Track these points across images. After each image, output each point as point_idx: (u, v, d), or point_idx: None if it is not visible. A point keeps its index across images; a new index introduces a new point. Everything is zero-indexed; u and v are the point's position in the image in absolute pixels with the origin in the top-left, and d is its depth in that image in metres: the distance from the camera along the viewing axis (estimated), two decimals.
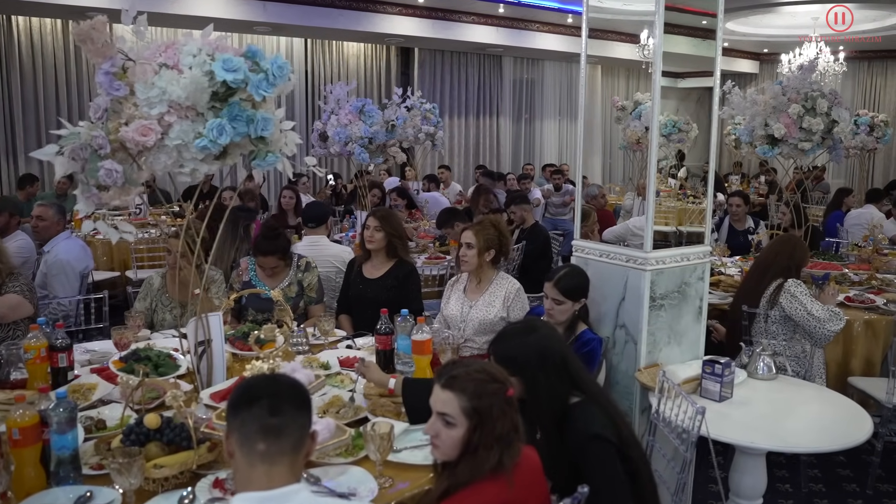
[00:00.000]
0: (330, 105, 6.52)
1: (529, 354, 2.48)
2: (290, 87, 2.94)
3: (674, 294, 3.50)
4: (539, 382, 2.47)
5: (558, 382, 2.49)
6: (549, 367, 2.48)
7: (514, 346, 2.53)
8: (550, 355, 2.50)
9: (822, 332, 3.97)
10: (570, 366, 2.54)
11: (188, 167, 2.64)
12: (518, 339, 2.54)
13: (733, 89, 5.59)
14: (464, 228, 4.16)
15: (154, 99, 2.54)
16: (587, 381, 2.59)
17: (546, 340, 2.55)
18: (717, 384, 3.19)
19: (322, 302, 4.61)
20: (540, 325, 2.65)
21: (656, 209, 9.15)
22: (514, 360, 2.49)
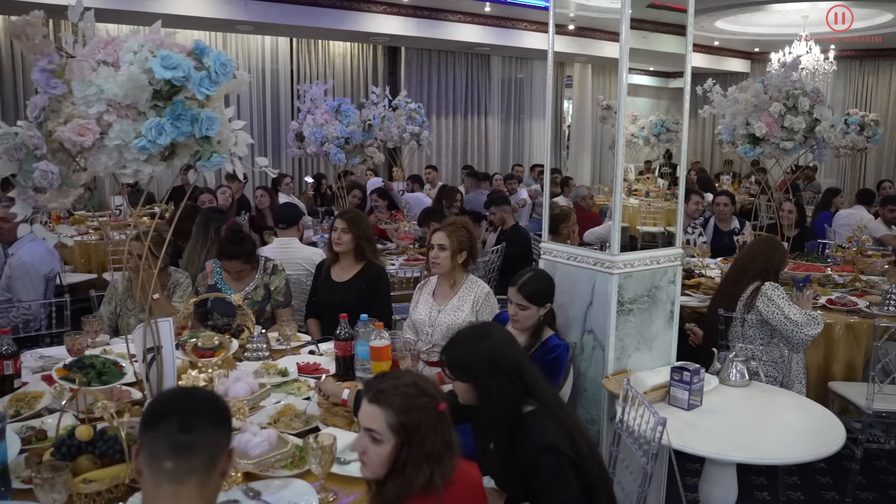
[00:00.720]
0: (306, 104, 6.41)
1: (481, 361, 2.38)
2: (240, 85, 2.83)
3: (643, 298, 3.39)
4: (491, 390, 2.37)
5: (511, 390, 2.39)
6: (501, 375, 2.37)
7: (466, 351, 2.42)
8: (503, 362, 2.40)
9: (800, 336, 3.87)
10: (525, 373, 2.43)
11: (130, 168, 2.53)
12: (471, 345, 2.43)
13: (714, 87, 5.47)
14: (435, 230, 4.05)
15: (91, 97, 2.42)
16: (543, 389, 2.48)
17: (499, 346, 2.44)
18: (685, 392, 3.08)
19: (290, 305, 4.51)
20: (494, 331, 2.54)
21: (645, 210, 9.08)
22: (466, 366, 2.40)
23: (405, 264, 6.05)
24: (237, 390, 2.66)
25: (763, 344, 4.05)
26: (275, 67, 11.45)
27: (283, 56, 11.54)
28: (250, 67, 11.27)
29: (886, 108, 14.61)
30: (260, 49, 11.33)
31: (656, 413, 2.57)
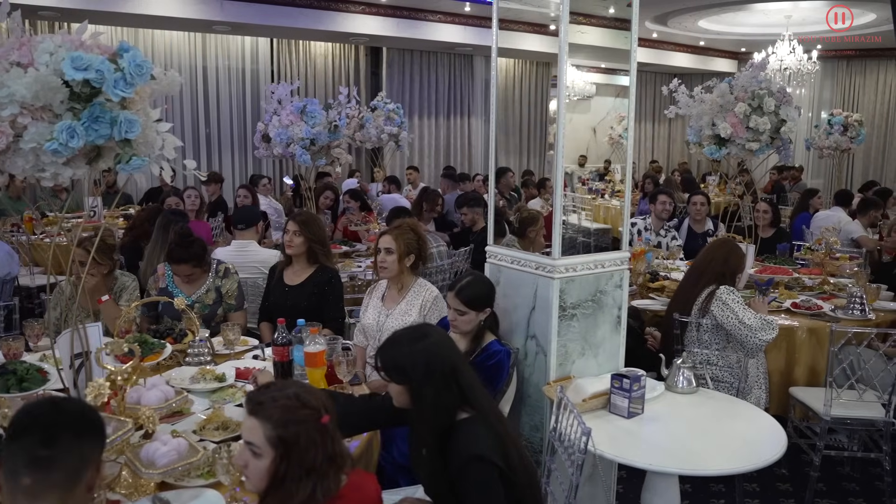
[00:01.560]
0: (272, 105, 6.32)
1: (417, 363, 2.30)
2: (171, 87, 2.78)
3: (587, 303, 3.31)
4: (425, 394, 2.30)
5: (446, 395, 2.31)
6: (437, 378, 2.30)
7: (402, 353, 2.34)
8: (439, 364, 2.32)
9: (754, 340, 3.79)
10: (461, 378, 2.35)
11: (49, 171, 2.47)
12: (406, 346, 2.35)
13: (680, 87, 5.39)
14: (382, 233, 3.99)
15: (4, 99, 2.35)
16: (479, 395, 2.40)
17: (436, 348, 2.36)
18: (625, 400, 2.99)
19: (243, 309, 4.44)
20: (431, 332, 2.46)
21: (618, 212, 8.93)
22: (401, 368, 2.33)
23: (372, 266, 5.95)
24: (149, 398, 2.58)
25: (719, 349, 3.97)
26: (255, 68, 11.37)
27: (263, 57, 11.46)
28: (229, 68, 11.19)
29: (873, 108, 14.54)
30: (239, 49, 11.24)
31: (583, 423, 2.49)
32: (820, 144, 11.03)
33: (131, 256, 5.83)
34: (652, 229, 6.64)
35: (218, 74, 11.11)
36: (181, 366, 3.54)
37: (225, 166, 11.34)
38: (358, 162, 12.26)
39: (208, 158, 11.20)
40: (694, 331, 4.01)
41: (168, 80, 2.92)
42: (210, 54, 11.00)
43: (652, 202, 6.74)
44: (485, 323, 3.27)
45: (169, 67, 10.26)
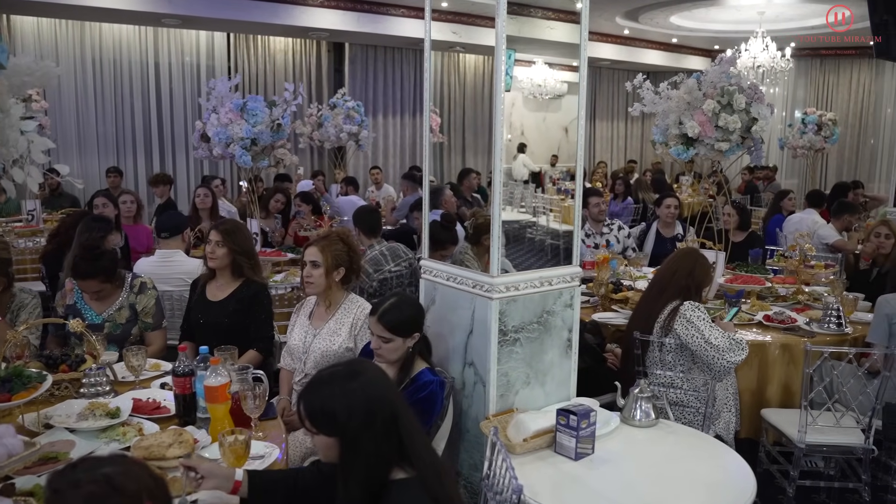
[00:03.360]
0: (211, 102, 5.87)
1: (354, 407, 1.87)
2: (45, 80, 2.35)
3: (532, 326, 2.91)
4: (362, 445, 1.87)
5: (386, 447, 1.89)
6: (377, 426, 1.88)
7: (332, 395, 1.90)
8: (380, 409, 1.90)
9: (721, 363, 3.41)
10: (402, 425, 1.93)
11: None
12: (337, 387, 1.91)
13: (645, 83, 5.02)
14: (307, 245, 3.59)
15: None
16: (419, 448, 1.96)
17: (375, 389, 1.94)
18: (572, 439, 2.60)
19: (161, 328, 4.00)
20: (365, 368, 2.02)
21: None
22: (332, 414, 1.88)
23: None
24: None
25: (683, 371, 3.60)
26: (210, 64, 10.88)
27: (219, 52, 10.97)
28: (183, 64, 10.70)
29: (847, 107, 14.31)
30: (194, 44, 10.75)
31: (514, 476, 2.09)
32: (794, 144, 10.76)
33: (53, 266, 5.35)
34: (594, 233, 6.29)
35: (171, 71, 10.62)
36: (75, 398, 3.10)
37: (179, 167, 10.86)
38: (320, 162, 11.82)
39: (161, 158, 10.71)
40: (656, 351, 3.63)
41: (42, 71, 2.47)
42: (162, 49, 10.51)
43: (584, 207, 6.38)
44: (413, 349, 2.87)
45: (118, 63, 9.86)
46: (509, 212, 3.43)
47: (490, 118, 2.77)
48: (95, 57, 10.07)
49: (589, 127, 15.40)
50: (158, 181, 8.70)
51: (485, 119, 13.70)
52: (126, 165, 10.39)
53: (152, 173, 9.65)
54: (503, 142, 2.68)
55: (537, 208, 3.45)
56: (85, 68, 9.99)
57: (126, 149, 10.48)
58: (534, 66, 10.88)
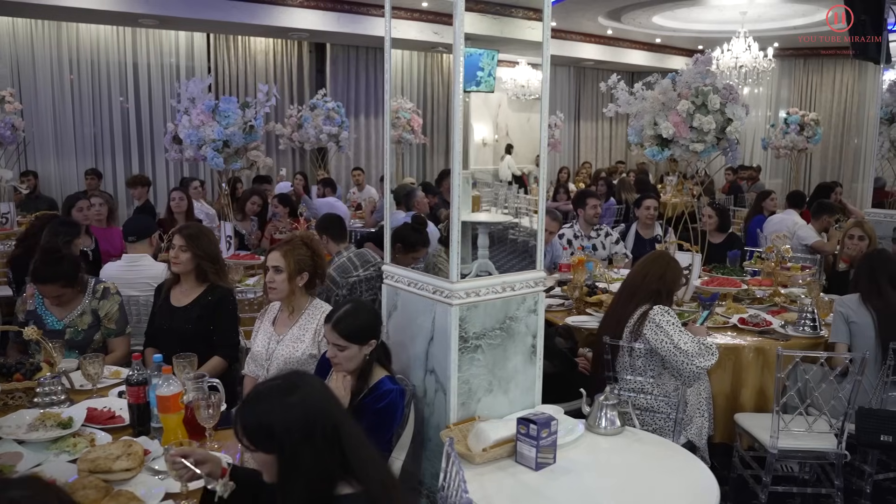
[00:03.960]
0: (183, 104, 5.79)
1: (291, 422, 1.80)
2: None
3: (495, 332, 2.85)
4: (301, 461, 1.79)
5: (328, 461, 1.82)
6: (317, 440, 1.80)
7: (270, 410, 1.83)
8: (320, 423, 1.82)
9: (690, 368, 3.36)
10: (345, 439, 1.85)
11: None
12: (275, 401, 1.84)
13: (619, 84, 4.96)
14: (270, 249, 3.52)
15: None
16: (365, 462, 1.88)
17: (314, 402, 1.86)
18: (532, 449, 2.54)
19: (125, 334, 3.93)
20: (305, 382, 1.94)
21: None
22: (270, 430, 1.80)
23: None
24: None
25: (654, 376, 3.54)
26: (190, 64, 10.76)
27: (199, 53, 10.84)
28: (162, 65, 10.57)
29: (830, 107, 14.30)
30: (173, 45, 10.62)
31: (465, 489, 2.03)
32: (776, 144, 10.74)
33: (21, 271, 5.26)
34: (582, 235, 6.23)
35: (150, 71, 10.48)
36: (29, 408, 3.03)
37: (159, 168, 10.74)
38: (302, 164, 11.73)
39: (140, 160, 10.58)
40: (626, 356, 3.57)
41: None
42: (141, 50, 10.38)
43: (581, 205, 6.33)
44: (371, 357, 2.80)
45: (96, 64, 9.74)
46: (493, 213, 3.38)
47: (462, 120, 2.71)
48: (73, 58, 9.93)
49: (574, 127, 15.34)
50: (136, 183, 8.60)
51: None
52: (105, 167, 10.27)
53: (131, 175, 9.54)
54: (461, 144, 2.62)
55: (520, 209, 3.40)
56: (62, 69, 9.86)
57: (104, 150, 10.35)
58: (517, 66, 10.81)
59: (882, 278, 3.97)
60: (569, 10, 10.69)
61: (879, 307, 3.90)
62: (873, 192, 8.75)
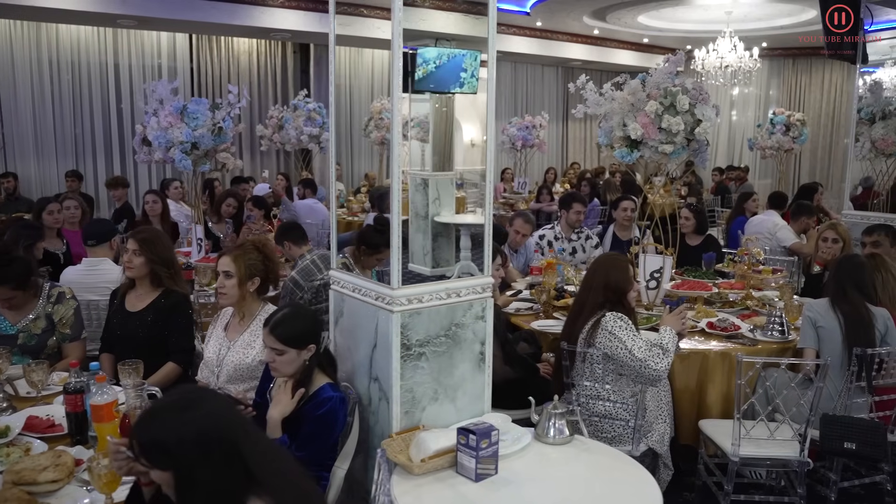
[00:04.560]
0: (151, 105, 5.71)
1: (187, 439, 1.74)
2: None
3: (440, 339, 2.78)
4: (199, 478, 1.73)
5: (228, 478, 1.75)
6: (214, 457, 1.74)
7: (165, 427, 1.77)
8: (216, 440, 1.76)
9: (647, 372, 3.29)
10: (249, 454, 1.78)
11: None
12: (170, 419, 1.78)
13: (588, 84, 4.90)
14: (220, 254, 3.46)
15: None
16: (274, 475, 1.83)
17: (211, 418, 1.79)
18: (472, 460, 2.47)
19: (80, 339, 3.86)
20: (202, 397, 1.89)
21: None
22: (164, 447, 1.75)
23: None
24: None
25: (611, 381, 3.47)
26: (172, 65, 10.70)
27: (181, 54, 10.79)
28: (144, 66, 10.51)
29: (819, 107, 14.26)
30: (155, 46, 10.57)
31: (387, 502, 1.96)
32: (762, 144, 10.67)
33: None
34: (563, 237, 6.17)
35: (132, 72, 10.43)
36: None
37: (141, 169, 10.68)
38: (286, 165, 11.66)
39: (121, 161, 10.52)
40: (583, 362, 3.50)
41: None
42: (122, 51, 10.32)
43: (567, 208, 6.26)
44: (311, 363, 2.74)
45: (76, 65, 9.66)
46: (479, 215, 3.31)
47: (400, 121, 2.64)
48: (52, 58, 9.87)
49: (562, 128, 15.30)
50: (115, 184, 8.54)
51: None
52: (85, 168, 10.20)
53: (112, 176, 9.48)
54: (400, 147, 2.55)
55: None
56: (41, 70, 9.80)
57: (85, 152, 10.29)
58: None
59: (848, 283, 3.90)
60: (553, 10, 10.64)
61: (847, 312, 3.83)
62: (861, 192, 8.72)
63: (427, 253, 3.42)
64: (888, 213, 6.67)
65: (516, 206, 10.40)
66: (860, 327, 3.76)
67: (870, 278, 3.97)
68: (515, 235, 5.80)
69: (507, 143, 11.28)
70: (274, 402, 2.74)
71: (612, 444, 3.45)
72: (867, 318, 3.78)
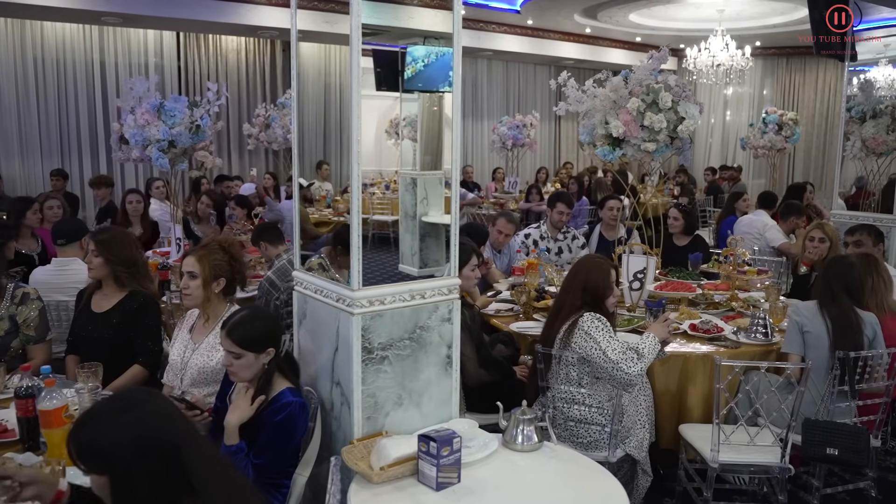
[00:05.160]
0: (129, 102, 5.61)
1: (124, 443, 1.66)
2: None
3: (403, 342, 2.69)
4: (136, 484, 1.65)
5: (166, 484, 1.67)
6: (152, 462, 1.66)
7: (102, 431, 1.69)
8: (156, 444, 1.68)
9: (621, 376, 3.20)
10: (189, 459, 1.70)
11: None
12: (107, 421, 1.70)
13: (570, 81, 4.81)
14: (185, 254, 3.36)
15: None
16: (212, 482, 1.74)
17: (150, 421, 1.71)
18: (432, 468, 2.38)
19: (45, 341, 3.77)
20: (142, 399, 1.79)
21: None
22: (101, 451, 1.67)
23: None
24: None
25: (587, 385, 3.38)
26: (159, 63, 10.60)
27: (168, 52, 10.69)
28: (130, 64, 10.40)
29: (813, 106, 14.17)
30: (141, 44, 10.46)
31: None
32: (754, 144, 10.59)
33: None
34: (549, 237, 6.07)
35: (118, 70, 10.32)
36: None
37: (127, 168, 10.57)
38: (275, 164, 11.56)
39: (108, 160, 10.41)
40: (559, 365, 3.41)
41: None
42: (108, 49, 10.21)
43: (551, 207, 6.17)
44: (270, 367, 2.64)
45: (62, 62, 9.56)
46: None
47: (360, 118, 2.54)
48: (37, 56, 9.77)
49: (554, 127, 15.20)
50: (99, 183, 8.44)
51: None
52: (71, 167, 10.10)
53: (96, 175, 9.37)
54: (359, 145, 2.46)
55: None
56: (26, 67, 9.69)
57: (71, 150, 10.18)
58: None
59: (837, 286, 3.78)
60: (543, 8, 10.55)
61: (835, 316, 3.69)
62: (855, 192, 8.62)
63: (415, 253, 3.33)
64: (879, 213, 6.58)
65: (506, 206, 10.31)
66: (848, 332, 3.63)
67: (860, 280, 3.85)
68: (498, 235, 5.70)
69: (498, 143, 11.19)
70: (232, 408, 2.64)
71: (588, 450, 3.37)
72: (856, 322, 3.66)
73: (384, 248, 7.37)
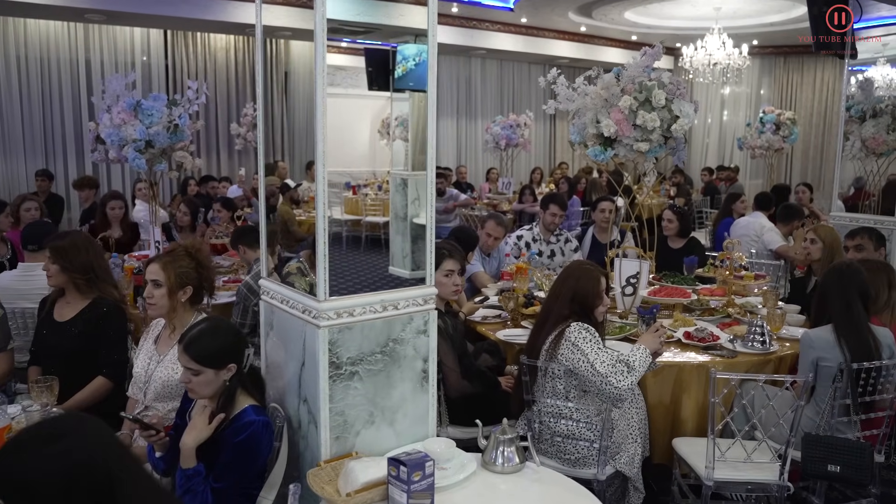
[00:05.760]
0: (107, 101, 5.43)
1: (52, 475, 1.48)
2: None
3: (375, 356, 2.50)
4: None
5: None
6: (81, 496, 1.49)
7: (26, 463, 1.50)
8: (87, 475, 1.50)
9: (608, 389, 3.02)
10: (122, 493, 1.52)
11: None
12: (32, 453, 1.51)
13: (559, 78, 4.62)
14: (149, 261, 3.18)
15: None
16: None
17: (81, 452, 1.53)
18: (403, 494, 2.20)
19: (6, 350, 3.60)
20: (75, 429, 1.60)
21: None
22: (24, 486, 1.49)
23: (224, 287, 5.06)
24: None
25: (575, 398, 3.20)
26: (146, 61, 10.41)
27: (156, 50, 10.50)
28: (117, 62, 10.21)
29: (811, 106, 14.00)
30: (128, 42, 10.27)
31: None
32: (752, 144, 10.42)
33: None
34: (541, 239, 5.90)
35: (104, 68, 10.12)
36: None
37: (113, 169, 10.38)
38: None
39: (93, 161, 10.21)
40: (544, 378, 3.23)
41: None
42: (93, 46, 10.02)
43: (544, 208, 5.99)
44: (232, 384, 2.46)
45: (45, 61, 9.36)
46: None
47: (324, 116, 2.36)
48: (20, 54, 9.57)
49: (549, 127, 15.03)
50: (83, 185, 8.27)
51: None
52: (56, 168, 9.90)
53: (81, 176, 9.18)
54: (324, 145, 2.28)
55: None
56: (9, 66, 9.50)
57: (56, 151, 9.99)
58: None
59: (853, 294, 3.49)
60: (537, 6, 10.37)
61: (854, 347, 3.39)
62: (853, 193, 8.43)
63: (406, 256, 3.15)
64: (879, 215, 6.40)
65: (499, 207, 10.14)
66: (866, 360, 3.40)
67: (876, 288, 3.64)
68: (487, 238, 5.51)
69: (492, 143, 11.01)
70: (189, 428, 2.46)
71: (576, 467, 3.20)
72: (874, 348, 3.40)
73: (376, 251, 7.21)
